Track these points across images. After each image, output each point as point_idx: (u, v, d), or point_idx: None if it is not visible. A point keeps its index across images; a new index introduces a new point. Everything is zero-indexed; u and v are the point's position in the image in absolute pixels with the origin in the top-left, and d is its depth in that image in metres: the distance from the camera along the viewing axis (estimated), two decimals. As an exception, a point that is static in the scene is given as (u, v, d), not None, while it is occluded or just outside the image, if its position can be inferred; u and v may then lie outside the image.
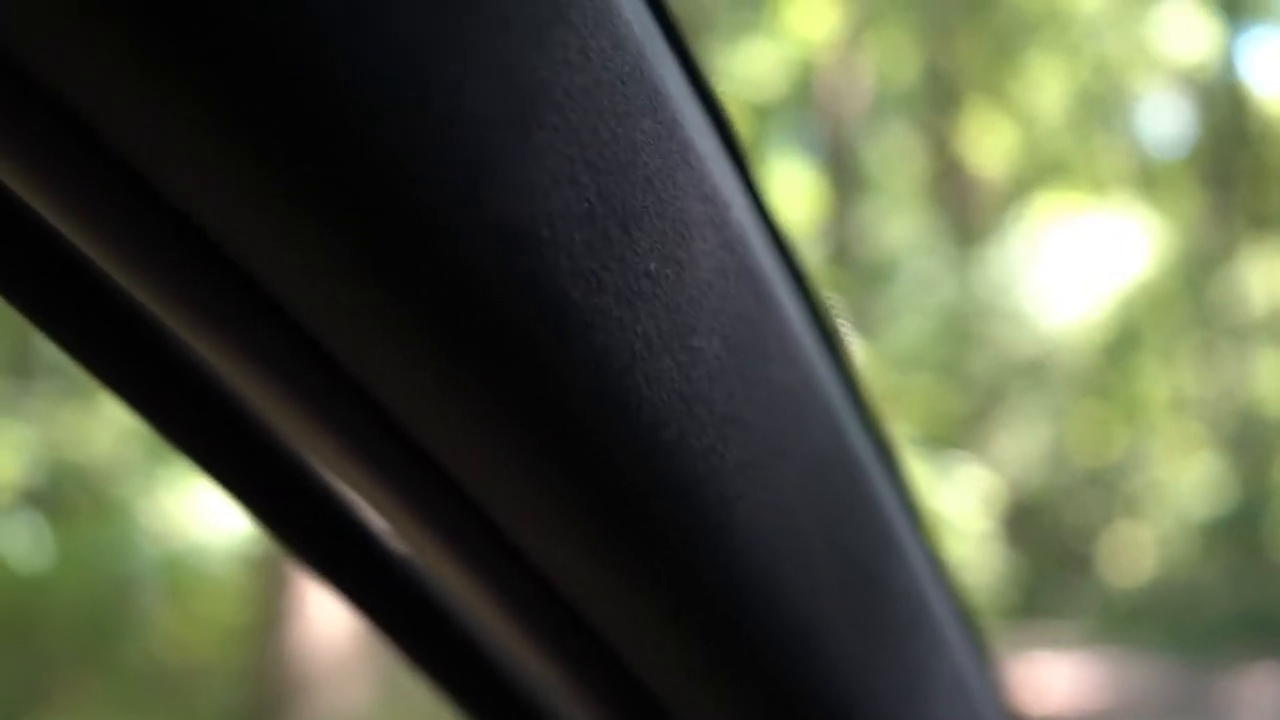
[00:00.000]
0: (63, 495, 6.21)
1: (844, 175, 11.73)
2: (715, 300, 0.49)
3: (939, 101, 12.57)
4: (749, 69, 10.33)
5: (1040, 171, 12.40)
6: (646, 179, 0.45)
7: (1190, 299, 12.27)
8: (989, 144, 12.23)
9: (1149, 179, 12.85)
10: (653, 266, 0.46)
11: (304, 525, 0.64)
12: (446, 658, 0.70)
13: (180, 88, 0.37)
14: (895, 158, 12.97)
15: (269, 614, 6.26)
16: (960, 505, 8.61)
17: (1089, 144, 12.69)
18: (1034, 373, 11.45)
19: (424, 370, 0.44)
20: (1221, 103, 12.69)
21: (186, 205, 0.41)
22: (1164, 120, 14.12)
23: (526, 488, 0.47)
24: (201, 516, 6.04)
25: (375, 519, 0.65)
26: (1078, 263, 11.02)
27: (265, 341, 0.46)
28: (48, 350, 7.01)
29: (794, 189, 9.73)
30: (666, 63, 0.49)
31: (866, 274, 11.36)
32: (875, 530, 0.62)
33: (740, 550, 0.52)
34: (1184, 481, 12.03)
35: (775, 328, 0.53)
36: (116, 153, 0.40)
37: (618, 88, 0.44)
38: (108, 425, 6.21)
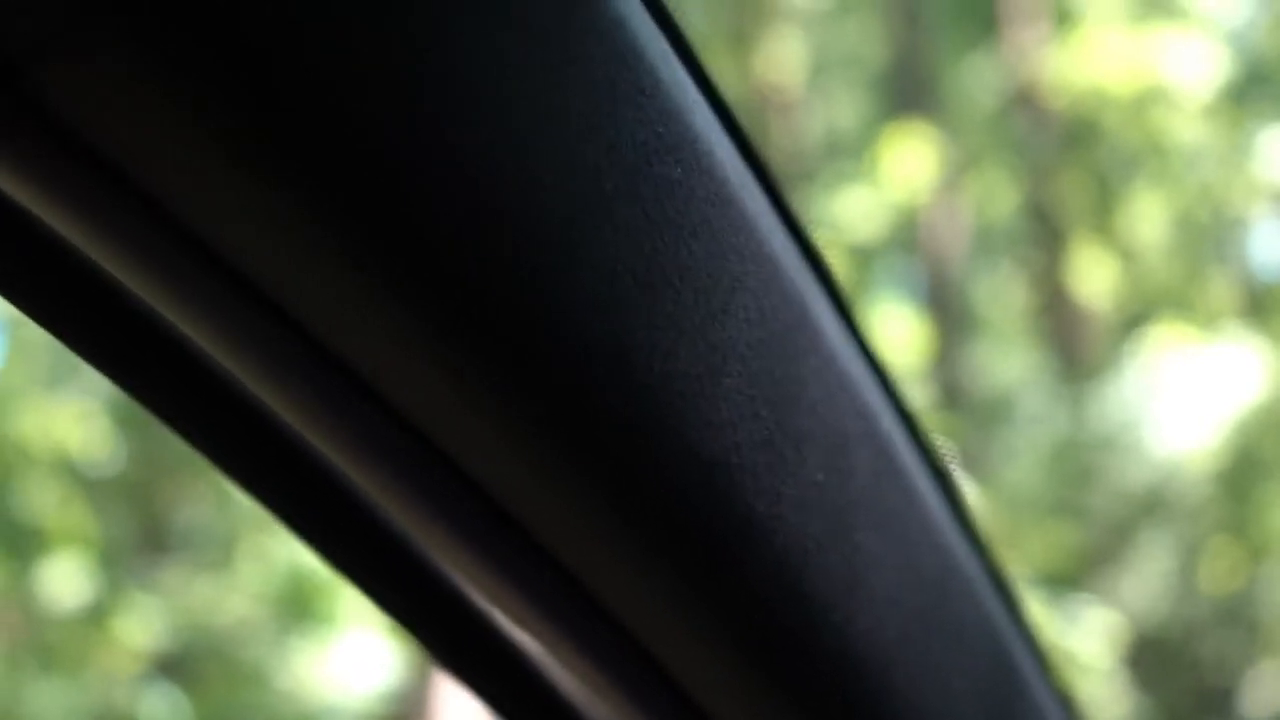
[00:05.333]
0: (197, 661, 6.35)
1: (950, 315, 11.75)
2: (871, 499, 0.58)
3: (1042, 238, 12.58)
4: (850, 215, 10.47)
5: (1148, 303, 12.31)
6: (812, 406, 0.54)
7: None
8: (1095, 278, 12.20)
9: (1258, 303, 12.71)
10: (820, 477, 0.55)
11: (483, 665, 0.72)
12: None
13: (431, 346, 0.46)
14: (1001, 296, 12.98)
15: (399, 775, 6.32)
16: (1086, 645, 8.46)
17: (1196, 272, 12.60)
18: (1155, 506, 11.26)
19: (632, 574, 0.53)
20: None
21: (432, 430, 0.51)
22: (1269, 243, 14.01)
23: (721, 672, 0.56)
24: (332, 678, 6.14)
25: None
26: (1192, 393, 10.89)
27: (482, 532, 0.55)
28: (180, 524, 7.22)
29: (900, 331, 9.78)
30: (822, 303, 0.58)
31: (978, 414, 11.32)
32: (1014, 686, 0.69)
33: (900, 712, 0.60)
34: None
35: (920, 517, 0.62)
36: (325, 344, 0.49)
37: (787, 335, 0.53)
38: (239, 593, 6.36)
